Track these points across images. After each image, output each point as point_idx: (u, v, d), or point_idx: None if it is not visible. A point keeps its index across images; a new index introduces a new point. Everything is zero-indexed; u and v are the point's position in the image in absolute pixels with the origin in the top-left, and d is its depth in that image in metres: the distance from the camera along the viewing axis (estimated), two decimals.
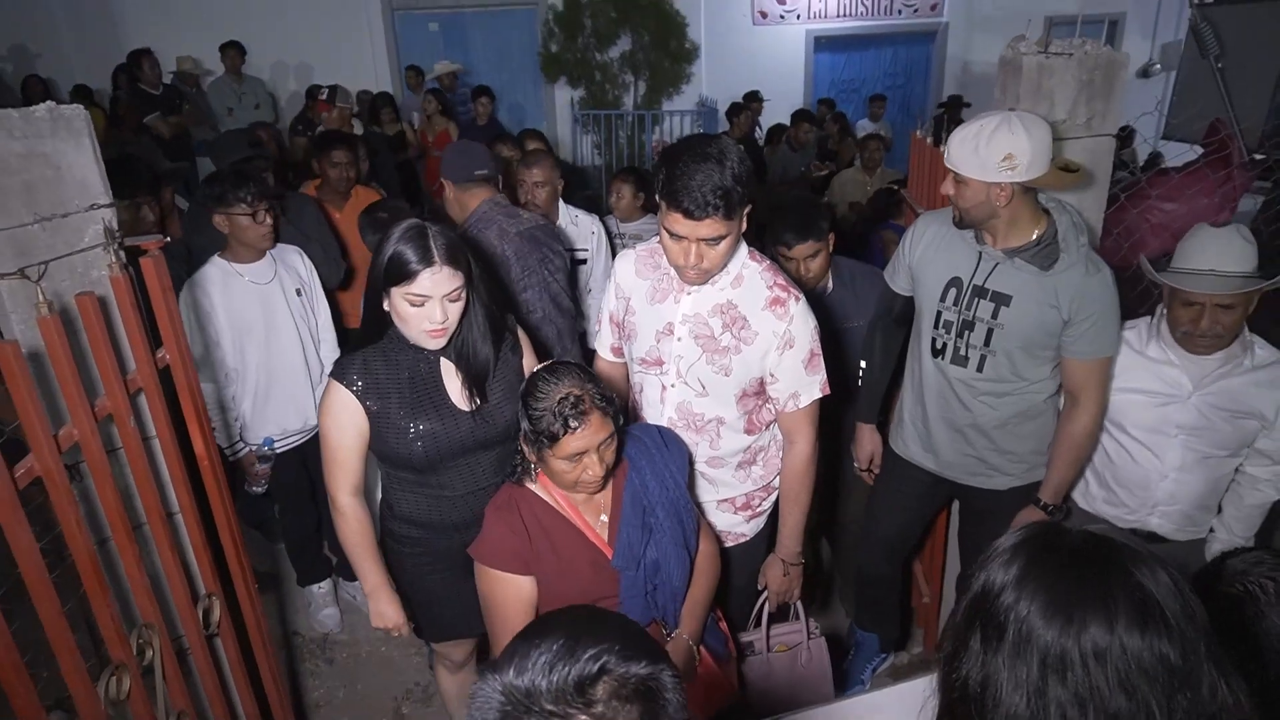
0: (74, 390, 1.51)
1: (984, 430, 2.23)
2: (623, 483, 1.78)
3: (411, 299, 1.74)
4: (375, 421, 1.86)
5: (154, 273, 1.81)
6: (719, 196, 1.66)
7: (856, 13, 9.36)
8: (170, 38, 7.69)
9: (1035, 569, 0.85)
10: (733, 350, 1.90)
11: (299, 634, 3.23)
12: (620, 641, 0.83)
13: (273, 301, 2.72)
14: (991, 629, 0.86)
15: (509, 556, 1.70)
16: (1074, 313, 2.00)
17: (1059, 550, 0.86)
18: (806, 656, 2.26)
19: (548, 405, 1.58)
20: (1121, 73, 2.18)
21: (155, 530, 1.79)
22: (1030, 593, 0.84)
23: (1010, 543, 0.90)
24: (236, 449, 2.84)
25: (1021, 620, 0.84)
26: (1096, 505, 2.29)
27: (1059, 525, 0.91)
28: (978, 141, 1.88)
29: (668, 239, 1.78)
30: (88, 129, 1.71)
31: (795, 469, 2.05)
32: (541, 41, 8.91)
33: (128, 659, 1.62)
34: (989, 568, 0.89)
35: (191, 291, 2.63)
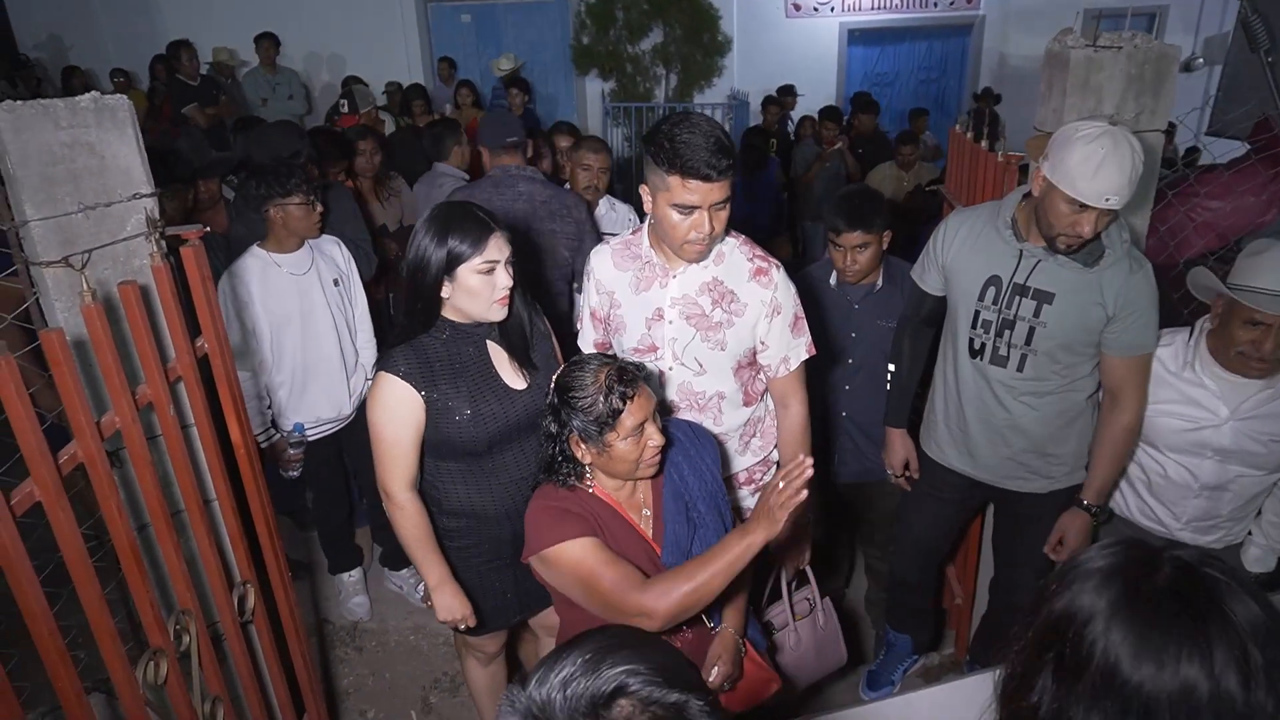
0: (116, 378, 1.53)
1: (1024, 432, 2.18)
2: (661, 480, 1.77)
3: (481, 269, 1.80)
4: (431, 409, 1.86)
5: (194, 262, 1.83)
6: (727, 155, 1.72)
7: (891, 6, 9.24)
8: (206, 28, 7.79)
9: (1128, 601, 0.78)
10: (725, 324, 1.95)
11: (329, 622, 3.26)
12: (651, 665, 0.80)
13: (310, 292, 2.74)
14: (1072, 658, 0.80)
15: (568, 527, 1.62)
16: (1118, 309, 1.98)
17: (1154, 581, 0.80)
18: (823, 619, 2.31)
19: (594, 390, 1.57)
20: (1172, 67, 2.13)
21: (193, 517, 1.81)
22: (1121, 627, 0.78)
23: (1101, 565, 0.83)
24: (269, 435, 2.86)
25: (1108, 657, 0.78)
26: (1131, 513, 2.24)
27: (1154, 551, 0.83)
28: (1135, 169, 1.78)
29: (675, 216, 1.78)
30: (131, 119, 1.73)
31: (794, 431, 2.10)
32: (573, 34, 8.90)
33: (166, 645, 1.64)
34: (1075, 590, 0.82)
35: (229, 281, 2.66)
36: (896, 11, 9.29)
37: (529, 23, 9.22)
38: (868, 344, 2.62)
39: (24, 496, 1.33)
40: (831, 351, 2.60)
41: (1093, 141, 1.77)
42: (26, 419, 1.29)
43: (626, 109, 8.84)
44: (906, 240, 4.40)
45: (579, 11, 8.82)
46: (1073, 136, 1.81)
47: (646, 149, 1.78)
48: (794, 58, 9.07)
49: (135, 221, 1.76)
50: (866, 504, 2.86)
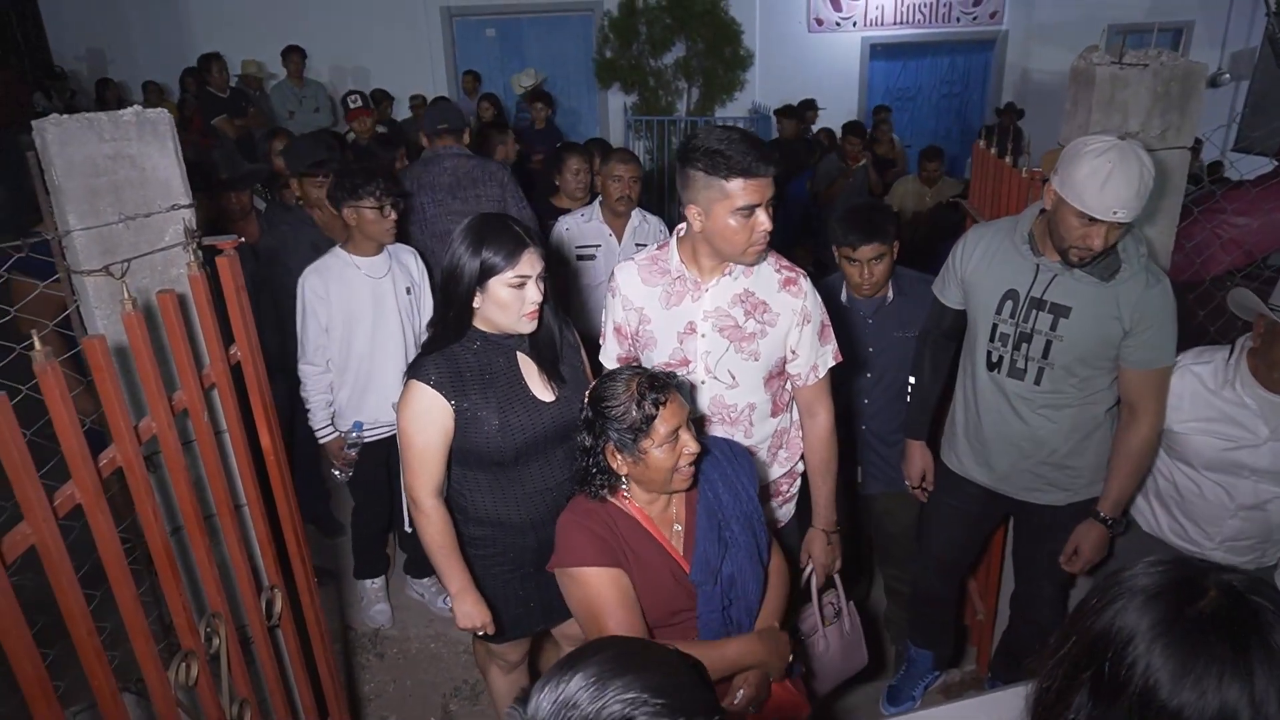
0: (154, 384, 1.57)
1: (1042, 444, 2.19)
2: (695, 495, 1.76)
3: (513, 283, 1.83)
4: (460, 418, 1.89)
5: (229, 272, 1.86)
6: (770, 149, 1.78)
7: (914, 20, 9.25)
8: (236, 42, 7.93)
9: (1171, 624, 0.78)
10: (759, 335, 1.98)
11: (352, 628, 3.29)
12: (659, 690, 0.77)
13: (383, 296, 2.82)
14: (1111, 678, 0.79)
15: (596, 552, 1.66)
16: (1135, 323, 2.00)
17: (1199, 605, 0.78)
18: (849, 623, 2.34)
19: (626, 398, 1.60)
20: (1199, 84, 2.12)
21: (224, 521, 1.84)
22: (1163, 650, 0.77)
23: (1145, 584, 0.82)
24: (331, 431, 2.91)
25: (1148, 679, 0.77)
26: (1161, 531, 2.22)
27: (1201, 573, 0.82)
28: (1144, 182, 1.79)
29: (733, 223, 1.80)
30: (171, 132, 1.78)
31: (822, 439, 2.13)
32: (596, 47, 8.97)
33: (197, 646, 1.67)
34: (1117, 608, 0.82)
35: (309, 278, 2.75)
36: (919, 26, 9.29)
37: (552, 36, 9.30)
38: (886, 357, 2.62)
39: (65, 498, 1.36)
40: (848, 365, 2.60)
41: (1100, 155, 1.78)
42: (70, 423, 1.33)
43: (648, 122, 8.90)
44: (929, 254, 4.41)
45: (602, 25, 8.89)
46: (1081, 150, 1.82)
47: (693, 166, 1.79)
48: (816, 72, 9.09)
49: (173, 231, 1.81)
50: (889, 516, 2.85)
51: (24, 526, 1.27)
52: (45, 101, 7.76)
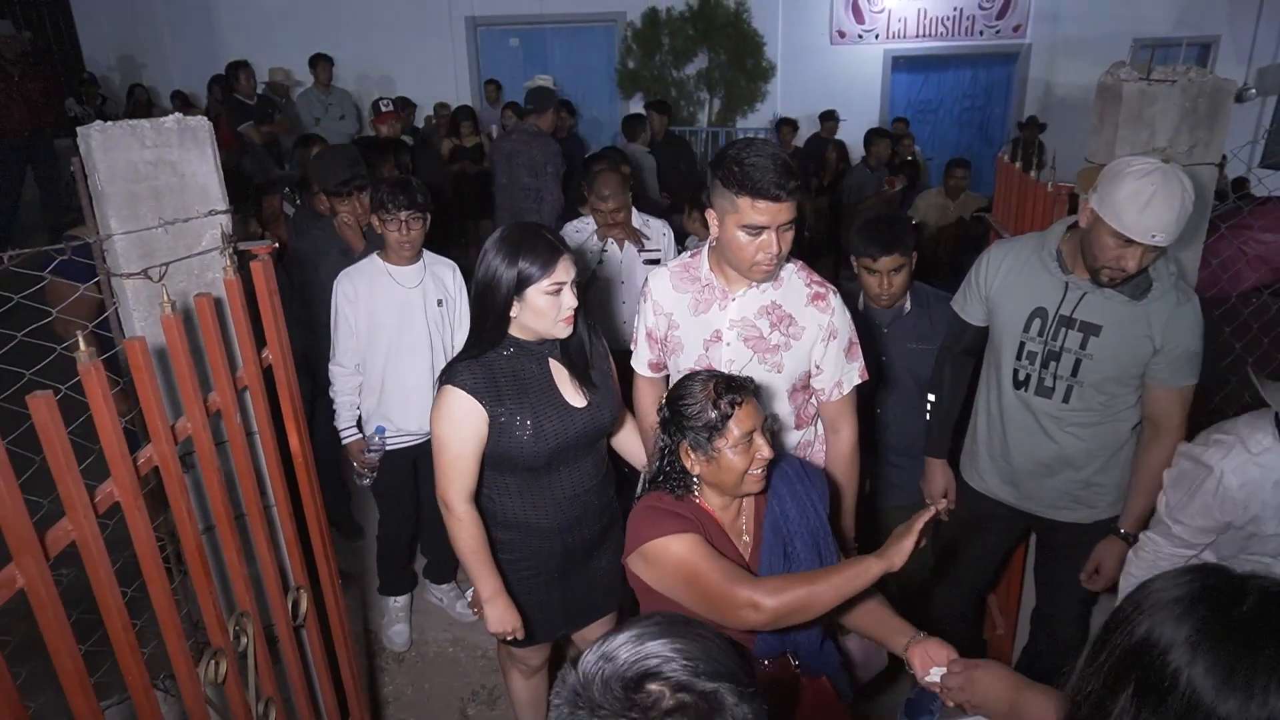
0: (190, 386, 1.60)
1: (1071, 462, 2.18)
2: (764, 508, 1.77)
3: (550, 290, 1.86)
4: (494, 424, 1.91)
5: (262, 276, 1.90)
6: (794, 176, 1.78)
7: (936, 33, 9.25)
8: (263, 49, 8.05)
9: (1212, 629, 0.78)
10: (783, 347, 1.99)
11: (371, 631, 3.31)
12: (690, 652, 0.81)
13: (410, 306, 2.82)
14: (1152, 688, 0.80)
15: (676, 524, 1.63)
16: (1165, 342, 1.99)
17: (1240, 610, 0.79)
18: None
19: (702, 398, 1.61)
20: (1227, 101, 2.13)
21: (253, 522, 1.87)
22: (1206, 657, 0.77)
23: (1182, 594, 0.82)
24: (348, 433, 2.94)
25: (1193, 686, 0.77)
26: None
27: (1239, 580, 0.82)
28: (1184, 207, 1.78)
29: (743, 238, 1.82)
30: (210, 139, 1.81)
31: (844, 455, 2.13)
32: (619, 57, 9.03)
33: (225, 644, 1.70)
34: (1156, 618, 0.82)
35: (342, 281, 2.79)
36: (941, 39, 9.30)
37: (575, 46, 9.38)
38: (899, 367, 2.63)
39: (105, 496, 1.39)
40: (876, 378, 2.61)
41: (1143, 177, 1.77)
42: (111, 423, 1.36)
43: None
44: (954, 268, 4.40)
45: (625, 36, 8.95)
46: (1124, 171, 1.81)
47: (714, 173, 1.83)
48: (838, 84, 9.10)
49: (210, 236, 1.84)
50: None
51: (65, 522, 1.30)
52: (77, 107, 7.90)
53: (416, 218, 2.72)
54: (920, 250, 2.65)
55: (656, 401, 2.22)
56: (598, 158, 4.15)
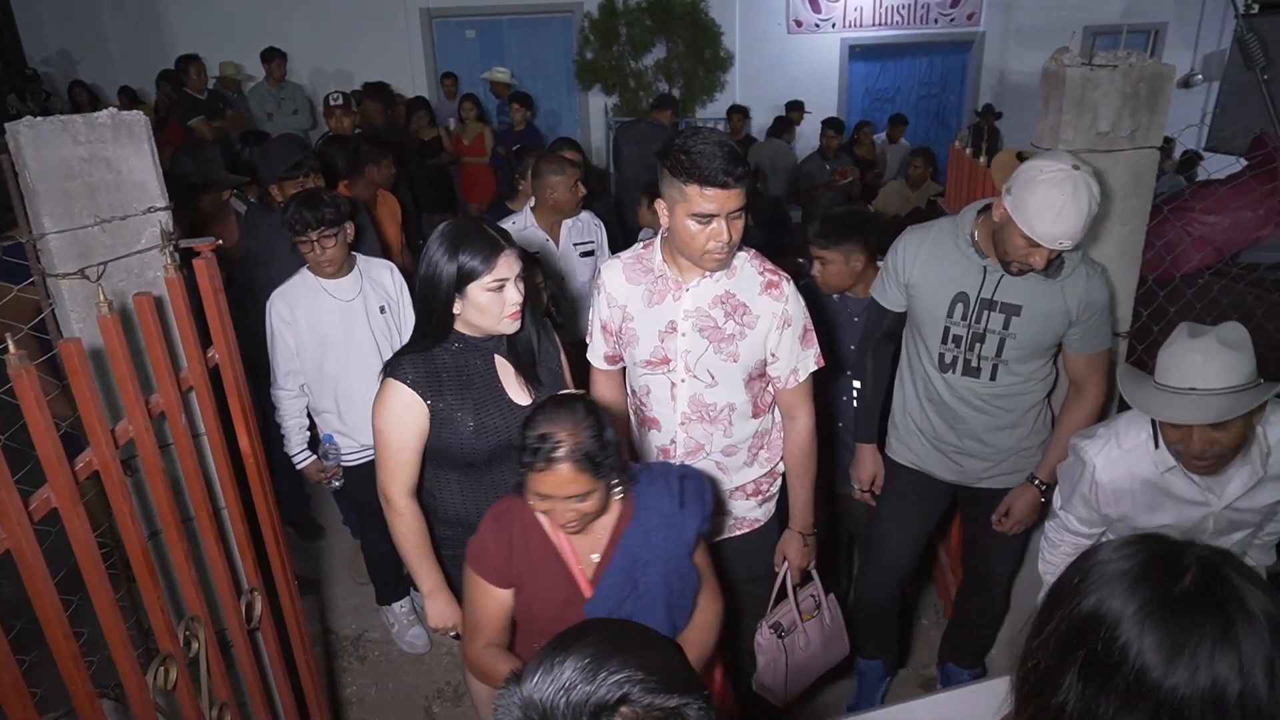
0: (131, 387, 1.56)
1: (1000, 434, 2.26)
2: (623, 528, 1.68)
3: (492, 286, 1.83)
4: (435, 419, 1.89)
5: (206, 274, 1.86)
6: (741, 163, 1.77)
7: (892, 22, 9.32)
8: (214, 44, 7.88)
9: (1159, 604, 0.79)
10: (738, 336, 1.99)
11: (333, 631, 3.28)
12: (651, 669, 0.80)
13: (353, 318, 2.71)
14: (1103, 660, 0.81)
15: (490, 567, 1.67)
16: (1081, 313, 2.09)
17: (1182, 583, 0.80)
18: (829, 617, 2.37)
19: (530, 434, 1.51)
20: (1167, 85, 2.16)
21: (202, 525, 1.84)
22: (1154, 630, 0.78)
23: (1128, 567, 0.83)
24: (300, 457, 2.85)
25: (1142, 658, 0.79)
26: None
27: (1179, 549, 0.83)
28: (1090, 213, 1.84)
29: (693, 226, 1.82)
30: (147, 134, 1.77)
31: (800, 443, 2.14)
32: (577, 49, 8.98)
33: (175, 650, 1.67)
34: (1103, 592, 0.83)
35: (275, 302, 2.66)
36: (897, 28, 9.36)
37: (532, 38, 9.30)
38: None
39: (41, 502, 1.36)
40: (830, 366, 2.62)
41: (1055, 187, 1.82)
42: (45, 427, 1.32)
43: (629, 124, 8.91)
44: None
45: (583, 27, 8.90)
46: (1037, 178, 1.85)
47: (663, 163, 1.82)
48: (796, 73, 9.14)
49: (150, 234, 1.80)
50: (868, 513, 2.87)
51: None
52: (20, 104, 7.67)
53: (328, 234, 2.55)
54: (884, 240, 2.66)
55: (614, 394, 2.23)
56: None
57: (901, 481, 2.48)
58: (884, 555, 2.57)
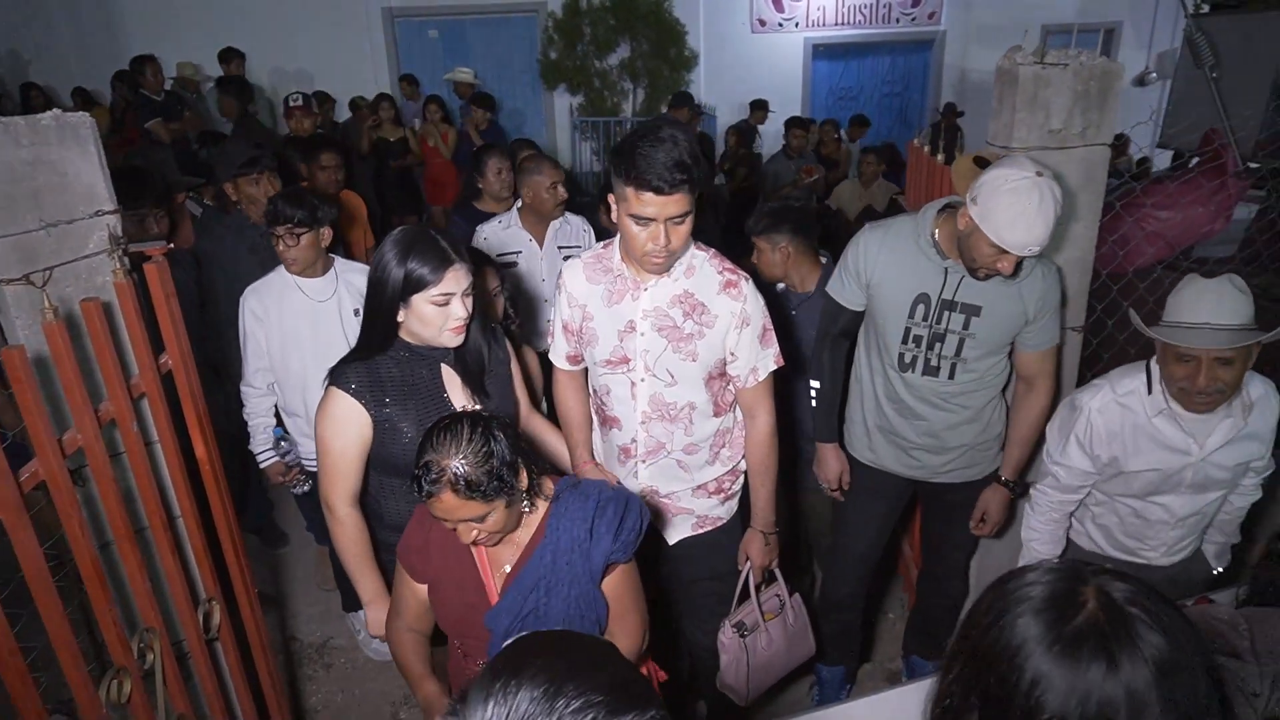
0: (78, 395, 1.53)
1: (960, 432, 2.29)
2: (535, 546, 1.64)
3: (437, 300, 1.80)
4: (378, 428, 1.87)
5: (157, 279, 1.83)
6: (683, 170, 1.74)
7: (854, 21, 9.41)
8: (170, 44, 7.74)
9: (1054, 637, 0.81)
10: (697, 336, 1.98)
11: (297, 639, 3.24)
12: (606, 687, 0.77)
13: (326, 319, 2.68)
14: (998, 689, 0.82)
15: (409, 562, 1.70)
16: (1036, 312, 2.14)
17: (1078, 618, 0.82)
18: (792, 616, 2.37)
19: (418, 461, 1.48)
20: (1117, 83, 2.20)
21: (157, 534, 1.80)
22: (1047, 663, 0.80)
23: (1030, 595, 0.85)
24: (264, 456, 2.82)
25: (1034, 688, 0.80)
26: (1102, 548, 2.26)
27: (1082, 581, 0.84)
28: (1055, 218, 1.87)
29: (634, 228, 1.82)
30: (93, 136, 1.73)
31: (761, 442, 2.14)
32: (541, 49, 8.95)
33: (129, 663, 1.64)
34: (1007, 620, 0.84)
35: (248, 298, 2.64)
36: (859, 27, 9.46)
37: (496, 38, 9.25)
38: (803, 351, 2.67)
39: None
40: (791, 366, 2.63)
41: (1022, 195, 1.84)
42: None
43: (594, 123, 8.91)
44: None
45: (546, 27, 8.87)
46: (1001, 187, 1.86)
47: (611, 161, 1.81)
48: (760, 72, 9.19)
49: (98, 238, 1.76)
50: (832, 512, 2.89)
51: None
52: None
53: (296, 233, 2.53)
54: (839, 237, 2.70)
55: (576, 394, 2.22)
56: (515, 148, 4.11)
57: (861, 479, 2.50)
58: (849, 553, 2.58)
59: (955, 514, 2.45)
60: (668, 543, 2.20)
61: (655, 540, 2.20)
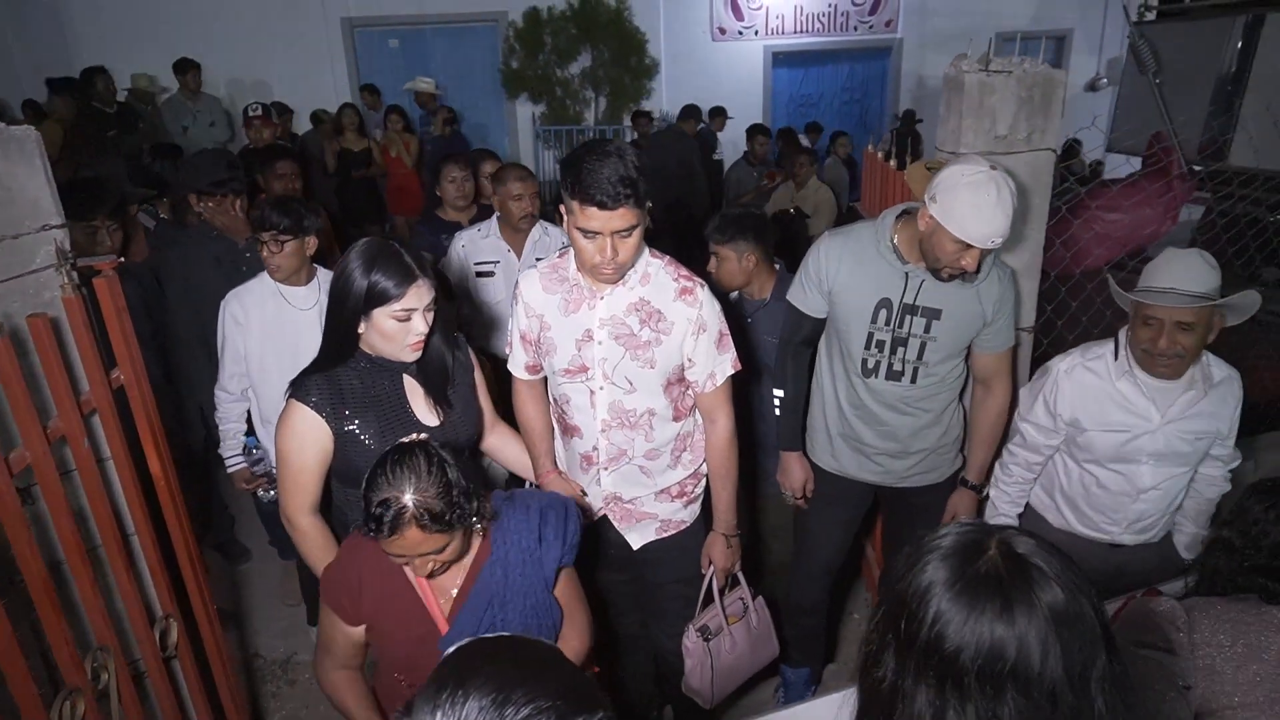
0: (26, 412, 1.51)
1: (921, 435, 2.32)
2: (481, 564, 1.63)
3: (398, 315, 1.79)
4: (340, 440, 1.86)
5: (107, 293, 1.80)
6: (628, 185, 1.76)
7: (813, 29, 9.53)
8: (124, 55, 7.62)
9: (955, 580, 0.87)
10: (654, 343, 2.00)
11: (260, 655, 3.19)
12: (554, 692, 0.78)
13: (305, 329, 2.64)
14: (908, 630, 0.88)
15: (337, 605, 1.64)
16: (994, 314, 2.18)
17: (980, 564, 0.88)
18: (755, 619, 2.39)
19: (372, 498, 1.45)
20: (1059, 90, 2.26)
21: (110, 552, 1.78)
22: (949, 603, 0.86)
23: (940, 546, 0.91)
24: (232, 461, 2.79)
25: (935, 627, 0.86)
26: (1070, 525, 2.32)
27: (986, 535, 0.91)
28: (1014, 209, 1.92)
29: (582, 240, 1.84)
30: (39, 150, 1.71)
31: (721, 446, 2.16)
32: (502, 58, 8.95)
33: (82, 683, 1.61)
34: (918, 568, 0.90)
35: (230, 302, 2.64)
36: (818, 35, 9.58)
37: (457, 47, 9.23)
38: (761, 358, 2.69)
39: None
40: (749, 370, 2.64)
41: (980, 188, 1.89)
42: None
43: (557, 132, 8.93)
44: None
45: (507, 36, 8.87)
46: (959, 182, 1.92)
47: (559, 172, 1.83)
48: (721, 80, 9.27)
49: (45, 253, 1.73)
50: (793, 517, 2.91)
51: None
52: None
53: (280, 240, 2.54)
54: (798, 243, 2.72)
55: (537, 404, 2.22)
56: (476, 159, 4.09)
57: (824, 487, 2.51)
58: (813, 561, 2.60)
59: (918, 516, 2.47)
60: (632, 548, 2.21)
61: (594, 543, 2.22)
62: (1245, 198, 3.35)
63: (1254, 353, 3.22)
